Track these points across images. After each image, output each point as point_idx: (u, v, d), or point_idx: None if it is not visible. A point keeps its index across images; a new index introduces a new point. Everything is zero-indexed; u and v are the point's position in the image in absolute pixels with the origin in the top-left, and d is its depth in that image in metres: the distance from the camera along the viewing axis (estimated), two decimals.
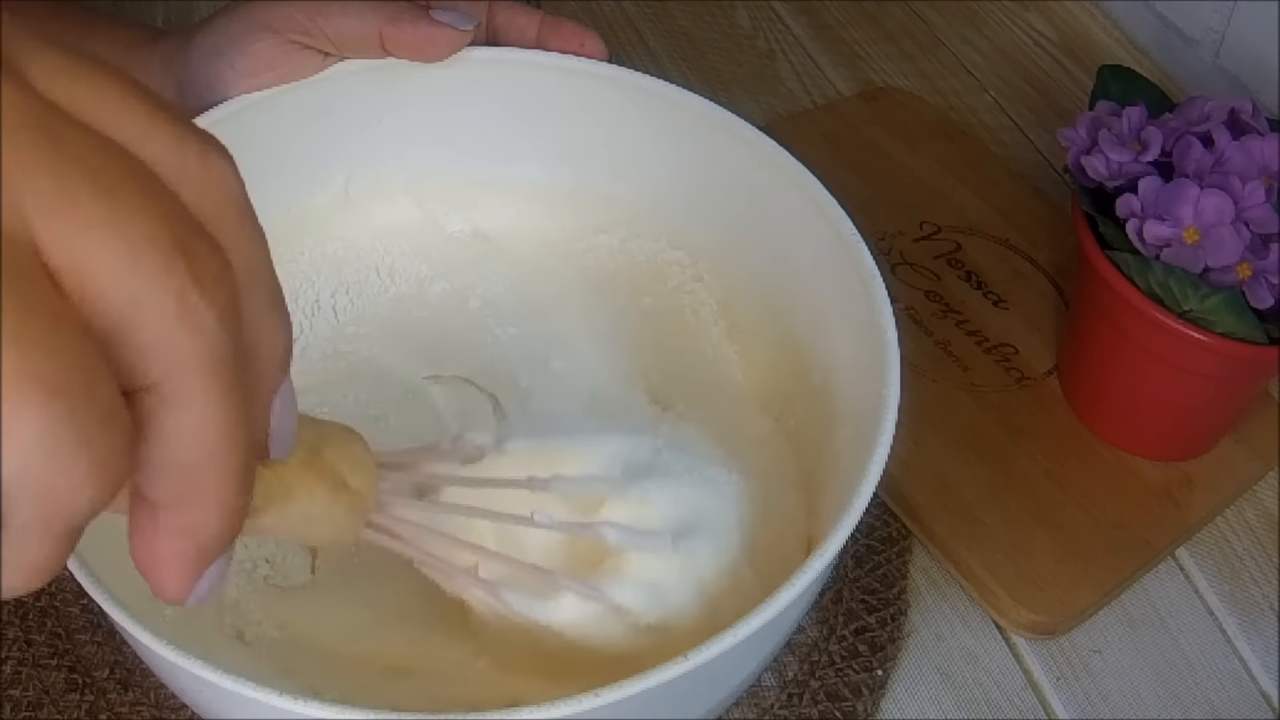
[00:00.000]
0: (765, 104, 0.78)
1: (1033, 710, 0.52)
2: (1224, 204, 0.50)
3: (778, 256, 0.53)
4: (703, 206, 0.55)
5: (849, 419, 0.46)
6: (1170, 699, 0.53)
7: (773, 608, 0.37)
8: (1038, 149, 0.76)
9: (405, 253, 0.58)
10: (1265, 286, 0.50)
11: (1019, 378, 0.62)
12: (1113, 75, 0.59)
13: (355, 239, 0.58)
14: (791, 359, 0.52)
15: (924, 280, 0.66)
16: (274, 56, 0.51)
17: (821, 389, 0.50)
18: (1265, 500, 0.60)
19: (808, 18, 0.85)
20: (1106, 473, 0.59)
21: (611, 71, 0.54)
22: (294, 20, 0.51)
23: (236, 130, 0.51)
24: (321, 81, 0.53)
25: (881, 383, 0.43)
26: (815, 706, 0.51)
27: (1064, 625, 0.54)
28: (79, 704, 0.49)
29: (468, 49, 0.53)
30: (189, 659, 0.36)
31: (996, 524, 0.56)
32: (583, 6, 0.84)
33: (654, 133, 0.55)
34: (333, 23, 0.51)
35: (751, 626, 0.36)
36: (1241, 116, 0.53)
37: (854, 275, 0.48)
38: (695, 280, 0.57)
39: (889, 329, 0.45)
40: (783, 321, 0.53)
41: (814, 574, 0.38)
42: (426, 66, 0.53)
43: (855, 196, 0.51)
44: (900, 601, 0.54)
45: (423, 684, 0.46)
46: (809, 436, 0.50)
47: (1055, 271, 0.67)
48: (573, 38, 0.54)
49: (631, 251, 0.58)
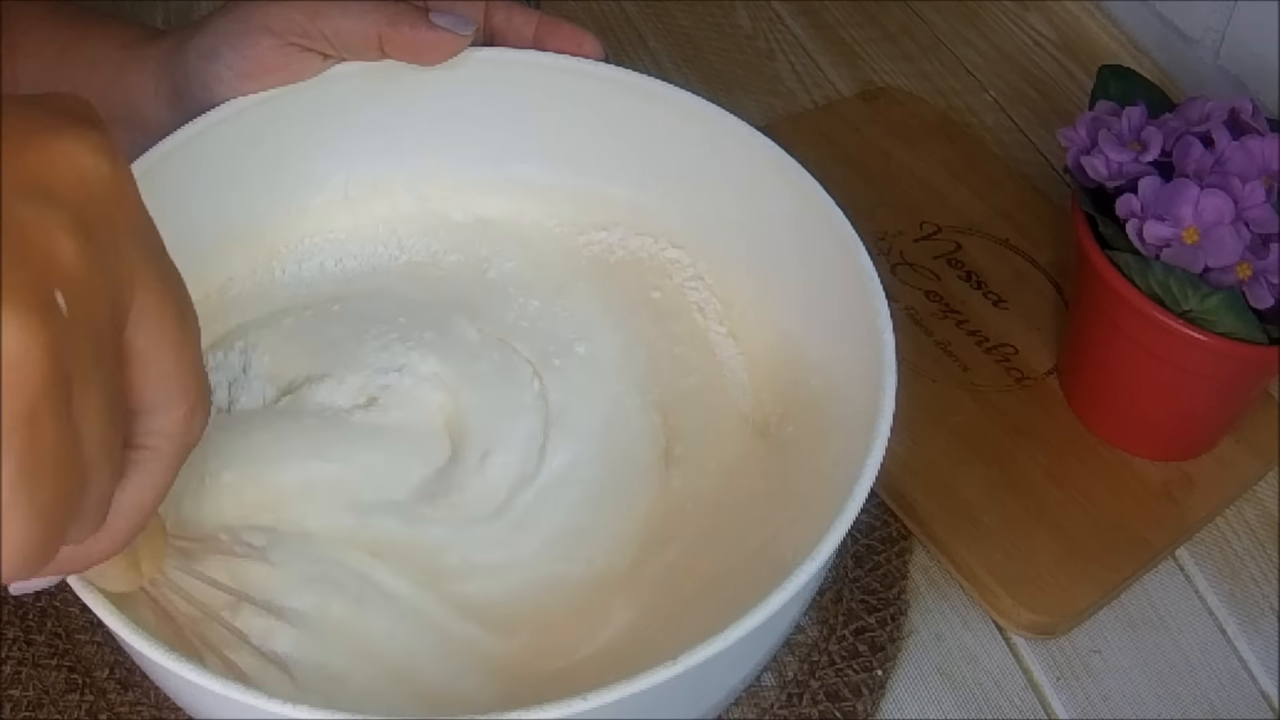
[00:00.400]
0: (765, 104, 0.78)
1: (1033, 710, 0.52)
2: (1224, 204, 0.50)
3: (776, 257, 0.53)
4: (701, 207, 0.55)
5: (846, 420, 0.46)
6: (1170, 699, 0.53)
7: (766, 609, 0.37)
8: (1038, 149, 0.76)
9: (412, 234, 0.58)
10: (1265, 286, 0.50)
11: (1019, 378, 0.62)
12: (1113, 75, 0.59)
13: (358, 226, 0.57)
14: (791, 363, 0.52)
15: (924, 280, 0.66)
16: (272, 59, 0.51)
17: (821, 392, 0.50)
18: (1265, 500, 0.60)
19: (808, 18, 0.85)
20: (1106, 473, 0.59)
21: (609, 72, 0.54)
22: (293, 22, 0.51)
23: (235, 132, 0.52)
24: (320, 83, 0.53)
25: (878, 385, 0.43)
26: (815, 706, 0.51)
27: (1064, 625, 0.54)
28: (79, 704, 0.49)
29: (466, 50, 0.53)
30: (179, 662, 0.36)
31: (996, 524, 0.56)
32: (583, 6, 0.84)
33: (653, 133, 0.55)
34: (332, 25, 0.51)
35: (743, 629, 0.36)
36: (1241, 116, 0.53)
37: (852, 277, 0.47)
38: (696, 279, 0.57)
39: (886, 331, 0.45)
40: (783, 323, 0.53)
41: (807, 576, 0.38)
42: (424, 68, 0.53)
43: (855, 196, 0.52)
44: (900, 601, 0.54)
45: None
46: (805, 440, 0.50)
47: (1055, 271, 0.67)
48: (570, 38, 0.54)
49: (633, 248, 0.58)
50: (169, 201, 0.50)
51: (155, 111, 0.54)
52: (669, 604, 0.48)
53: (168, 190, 0.50)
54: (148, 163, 0.48)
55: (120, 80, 0.54)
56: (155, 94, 0.54)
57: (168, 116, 0.53)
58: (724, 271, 0.56)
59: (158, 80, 0.53)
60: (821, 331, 0.51)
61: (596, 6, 0.84)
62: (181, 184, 0.50)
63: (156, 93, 0.54)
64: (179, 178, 0.50)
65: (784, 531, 0.47)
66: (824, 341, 0.50)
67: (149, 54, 0.54)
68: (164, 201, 0.49)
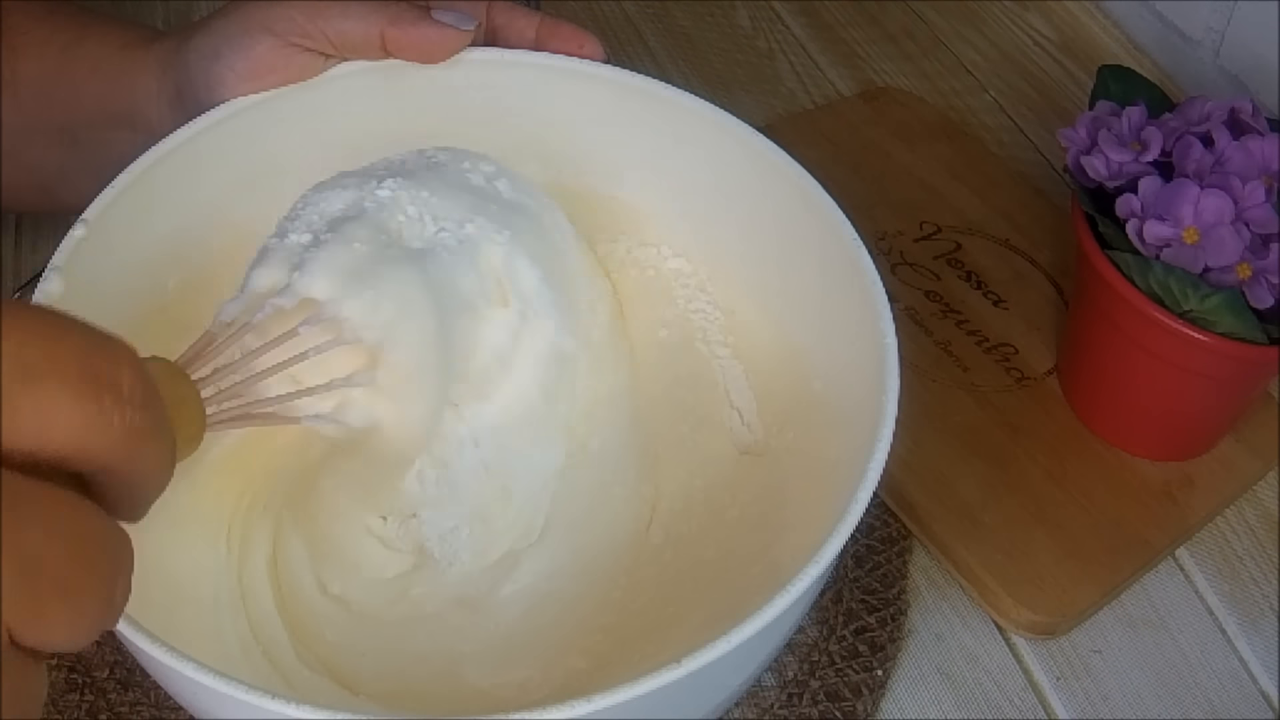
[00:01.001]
0: (765, 104, 0.78)
1: (1033, 710, 0.52)
2: (1224, 204, 0.50)
3: (777, 259, 0.53)
4: (702, 208, 0.55)
5: (848, 424, 0.46)
6: (1170, 699, 0.53)
7: (770, 612, 0.37)
8: (1038, 149, 0.76)
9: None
10: (1265, 286, 0.50)
11: (1019, 378, 0.62)
12: (1113, 75, 0.59)
13: None
14: (793, 367, 0.52)
15: (924, 280, 0.66)
16: (274, 59, 0.51)
17: (822, 397, 0.50)
18: (1265, 500, 0.60)
19: (808, 18, 0.85)
20: (1106, 473, 0.59)
21: (610, 73, 0.54)
22: (294, 22, 0.50)
23: (235, 132, 0.51)
24: (321, 83, 0.52)
25: (881, 389, 0.43)
26: (815, 706, 0.51)
27: (1064, 625, 0.54)
28: (79, 704, 0.49)
29: (466, 50, 0.53)
30: (179, 660, 0.36)
31: (996, 524, 0.56)
32: (583, 6, 0.84)
33: (653, 134, 0.55)
34: (333, 25, 0.51)
35: (746, 633, 0.36)
36: (1241, 116, 0.54)
37: (853, 279, 0.47)
38: (699, 290, 0.56)
39: (888, 334, 0.45)
40: (785, 326, 0.53)
41: (810, 580, 0.38)
42: (425, 68, 0.53)
43: (855, 196, 0.51)
44: (900, 601, 0.54)
45: None
46: (805, 444, 0.50)
47: (1055, 271, 0.67)
48: (571, 39, 0.54)
49: (639, 261, 0.57)
50: (171, 201, 0.50)
51: (157, 112, 0.54)
52: (665, 608, 0.48)
53: (169, 190, 0.50)
54: (148, 162, 0.48)
55: (121, 81, 0.54)
56: (157, 95, 0.54)
57: (170, 117, 0.52)
58: (726, 277, 0.55)
59: (159, 81, 0.53)
60: (823, 335, 0.50)
61: (596, 6, 0.84)
62: (182, 184, 0.50)
63: (159, 93, 0.54)
64: (180, 177, 0.50)
65: (782, 537, 0.47)
66: (826, 344, 0.50)
67: (150, 55, 0.54)
68: (165, 201, 0.50)
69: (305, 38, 0.51)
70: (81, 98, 0.55)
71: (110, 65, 0.55)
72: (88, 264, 0.46)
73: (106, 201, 0.47)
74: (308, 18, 0.51)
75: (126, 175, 0.48)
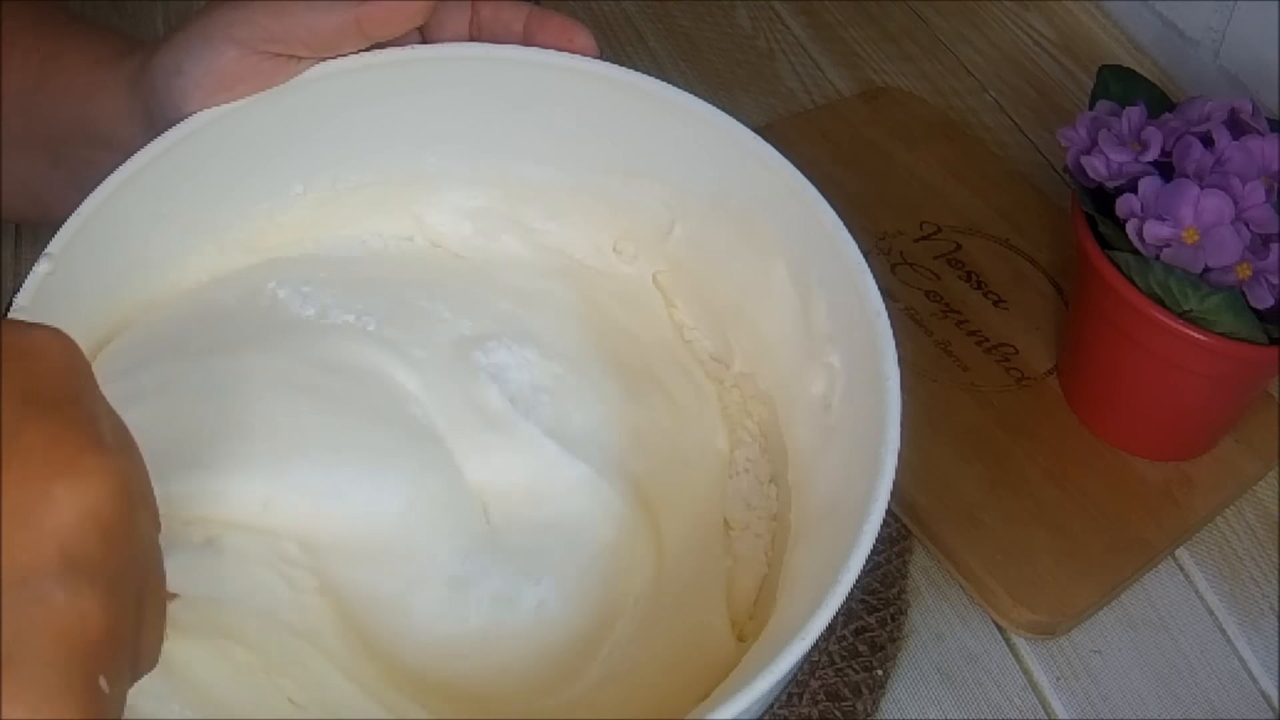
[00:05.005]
0: (765, 104, 0.78)
1: (1033, 710, 0.52)
2: (1224, 204, 0.50)
3: (775, 260, 0.52)
4: (699, 209, 0.55)
5: (847, 432, 0.46)
6: (1170, 699, 0.53)
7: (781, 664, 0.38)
8: (1038, 149, 0.76)
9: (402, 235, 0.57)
10: (1265, 286, 0.50)
11: (1019, 378, 0.62)
12: (1113, 75, 0.59)
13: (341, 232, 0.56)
14: (791, 368, 0.52)
15: (924, 280, 0.66)
16: (239, 69, 0.47)
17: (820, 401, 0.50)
18: (1265, 500, 0.60)
19: (808, 18, 0.85)
20: (1106, 473, 0.59)
21: (595, 67, 0.52)
22: (258, 26, 0.47)
23: (200, 149, 0.48)
24: (300, 86, 0.50)
25: (881, 403, 0.43)
26: (815, 706, 0.51)
27: (1064, 625, 0.54)
28: None
29: (452, 45, 0.51)
30: None
31: (996, 524, 0.56)
32: (583, 6, 0.84)
33: (652, 132, 0.54)
34: (302, 22, 0.47)
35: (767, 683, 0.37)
36: (1241, 116, 0.54)
37: (849, 282, 0.47)
38: (692, 303, 0.55)
39: (886, 337, 0.44)
40: (783, 329, 0.53)
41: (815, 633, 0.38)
42: (405, 65, 0.51)
43: (855, 196, 0.52)
44: (900, 601, 0.54)
45: None
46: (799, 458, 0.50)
47: (1055, 271, 0.67)
48: (561, 32, 0.51)
49: (622, 275, 0.56)
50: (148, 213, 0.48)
51: (130, 132, 0.50)
52: None
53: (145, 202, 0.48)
54: (112, 186, 0.46)
55: (93, 100, 0.51)
56: (129, 115, 0.51)
57: (143, 137, 0.49)
58: (716, 280, 0.54)
59: (130, 100, 0.50)
60: (821, 341, 0.50)
61: (596, 6, 0.84)
62: (159, 194, 0.48)
63: (130, 113, 0.51)
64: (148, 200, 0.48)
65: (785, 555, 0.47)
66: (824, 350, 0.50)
67: (119, 73, 0.51)
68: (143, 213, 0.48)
69: (272, 42, 0.47)
70: (59, 115, 0.52)
71: (81, 83, 0.52)
72: (55, 302, 0.43)
73: (72, 230, 0.44)
74: (273, 18, 0.47)
75: (92, 200, 0.45)
